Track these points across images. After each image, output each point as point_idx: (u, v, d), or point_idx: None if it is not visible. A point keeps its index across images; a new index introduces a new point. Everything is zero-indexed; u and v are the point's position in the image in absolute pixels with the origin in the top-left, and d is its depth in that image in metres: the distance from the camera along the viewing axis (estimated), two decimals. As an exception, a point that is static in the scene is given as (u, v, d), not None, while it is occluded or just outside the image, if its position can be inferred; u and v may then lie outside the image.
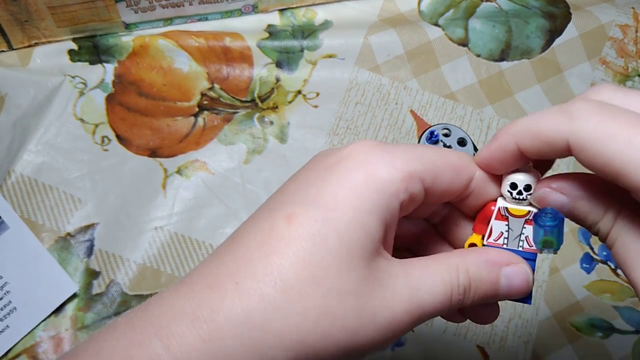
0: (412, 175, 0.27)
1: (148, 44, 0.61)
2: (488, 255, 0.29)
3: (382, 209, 0.26)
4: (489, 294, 0.29)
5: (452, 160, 0.29)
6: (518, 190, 0.29)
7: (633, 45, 0.67)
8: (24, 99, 0.58)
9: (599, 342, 0.54)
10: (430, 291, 0.27)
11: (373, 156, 0.27)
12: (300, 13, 0.65)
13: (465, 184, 0.29)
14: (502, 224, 0.30)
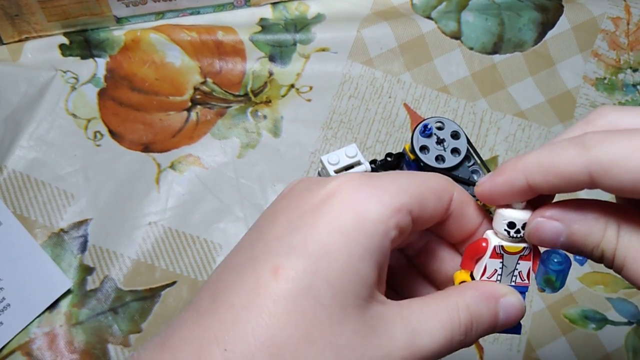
0: (401, 210, 0.26)
1: (140, 38, 0.61)
2: (485, 289, 0.28)
3: (374, 252, 0.25)
4: (489, 328, 0.28)
5: (434, 184, 0.28)
6: (516, 229, 0.28)
7: (625, 37, 0.67)
8: (15, 94, 0.58)
9: (592, 333, 0.55)
10: (429, 334, 0.26)
11: (360, 193, 0.26)
12: (293, 6, 0.65)
13: (447, 206, 0.29)
14: (497, 261, 0.29)
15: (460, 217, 0.29)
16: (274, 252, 0.25)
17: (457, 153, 0.52)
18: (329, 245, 0.24)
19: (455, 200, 0.29)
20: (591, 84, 0.65)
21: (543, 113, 0.63)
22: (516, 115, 0.63)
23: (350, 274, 0.24)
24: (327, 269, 0.24)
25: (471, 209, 0.30)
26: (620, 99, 0.65)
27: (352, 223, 0.25)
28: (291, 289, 0.24)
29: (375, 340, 0.25)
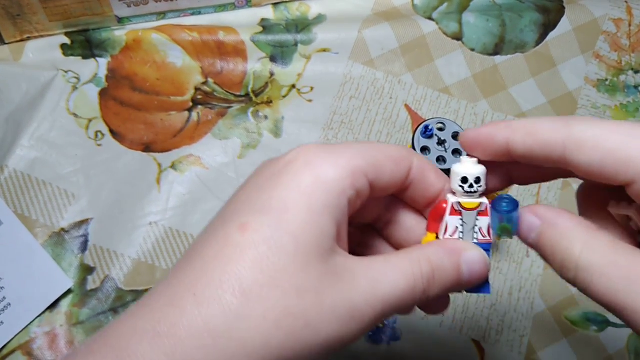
0: (356, 172, 0.28)
1: (141, 38, 0.61)
2: (446, 244, 0.30)
3: (332, 208, 0.27)
4: (452, 281, 0.29)
5: (391, 152, 0.30)
6: (469, 184, 0.30)
7: (626, 39, 0.67)
8: (16, 94, 0.58)
9: (593, 335, 0.55)
10: (392, 284, 0.27)
11: (317, 158, 0.28)
12: (294, 7, 0.65)
13: (405, 173, 0.30)
14: (456, 218, 0.31)
15: (422, 184, 0.31)
16: (241, 212, 0.27)
17: (458, 154, 0.52)
18: (290, 203, 0.27)
19: (415, 168, 0.31)
20: (592, 85, 0.65)
21: (544, 114, 0.63)
22: (517, 117, 0.63)
23: (311, 226, 0.26)
24: (289, 222, 0.26)
25: (432, 175, 0.31)
26: (622, 100, 0.65)
27: (310, 183, 0.27)
28: (256, 240, 0.26)
29: (338, 285, 0.26)
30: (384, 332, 0.53)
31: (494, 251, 0.57)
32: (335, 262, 0.27)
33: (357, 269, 0.27)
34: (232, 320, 0.25)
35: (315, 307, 0.26)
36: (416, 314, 0.53)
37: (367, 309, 0.27)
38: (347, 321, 0.26)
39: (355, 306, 0.26)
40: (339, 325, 0.26)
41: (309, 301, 0.26)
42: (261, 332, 0.25)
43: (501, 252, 0.57)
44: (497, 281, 0.56)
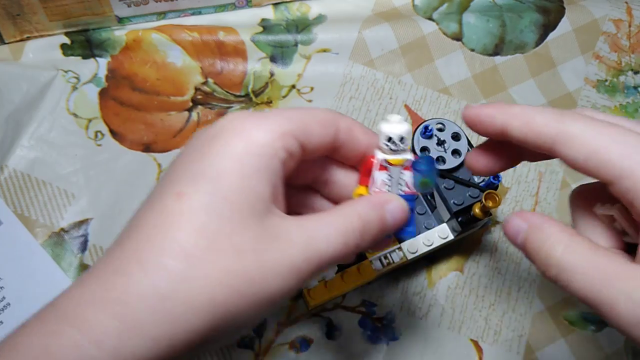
0: (286, 134, 0.30)
1: (141, 38, 0.61)
2: (372, 199, 0.33)
3: (265, 171, 0.29)
4: (380, 230, 0.32)
5: (319, 115, 0.32)
6: (394, 143, 0.33)
7: (626, 39, 0.67)
8: (16, 94, 0.58)
9: (591, 335, 0.55)
10: (326, 239, 0.29)
11: (248, 124, 0.29)
12: (294, 7, 0.65)
13: (333, 134, 0.32)
14: (383, 173, 0.33)
15: (351, 143, 0.33)
16: (177, 181, 0.28)
17: (457, 154, 0.52)
18: (223, 169, 0.28)
19: (343, 129, 0.33)
20: (592, 85, 0.65)
21: (544, 115, 0.63)
22: (517, 117, 0.63)
23: (245, 190, 0.28)
24: (223, 188, 0.28)
25: (359, 134, 0.33)
26: (622, 101, 0.65)
27: (242, 148, 0.29)
28: (194, 206, 0.27)
29: (275, 244, 0.28)
30: (383, 333, 0.53)
31: (493, 252, 0.57)
32: (272, 223, 0.28)
33: (294, 228, 0.29)
34: (177, 282, 0.26)
35: (256, 265, 0.27)
36: (416, 314, 0.53)
37: (305, 265, 0.28)
38: (287, 277, 0.28)
39: (294, 263, 0.28)
40: (281, 282, 0.28)
41: (249, 260, 0.27)
42: (206, 291, 0.26)
43: (500, 252, 0.57)
44: (495, 281, 0.56)
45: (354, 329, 0.53)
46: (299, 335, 0.52)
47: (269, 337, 0.52)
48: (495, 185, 0.50)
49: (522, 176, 0.60)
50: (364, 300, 0.54)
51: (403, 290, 0.55)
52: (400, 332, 0.53)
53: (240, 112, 0.30)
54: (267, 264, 0.27)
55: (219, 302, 0.26)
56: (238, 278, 0.27)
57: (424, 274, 0.55)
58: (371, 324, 0.53)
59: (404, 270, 0.55)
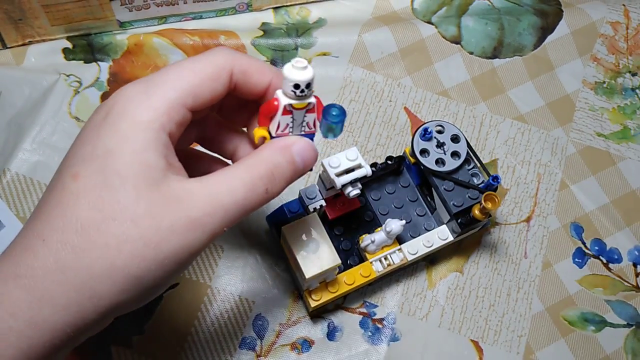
0: (172, 107, 0.31)
1: (143, 42, 0.61)
2: (278, 144, 0.34)
3: (153, 144, 0.30)
4: (291, 172, 0.34)
5: (207, 70, 0.33)
6: (301, 90, 0.33)
7: (624, 42, 0.68)
8: (18, 98, 0.58)
9: (591, 335, 0.55)
10: (230, 192, 0.31)
11: (132, 103, 0.31)
12: (295, 11, 0.65)
13: (225, 84, 0.34)
14: (287, 117, 0.34)
15: (247, 84, 0.35)
16: (72, 163, 0.31)
17: (457, 156, 0.52)
18: (112, 147, 0.30)
19: (237, 73, 0.34)
20: (590, 88, 0.65)
21: (542, 117, 0.63)
22: (516, 119, 0.63)
23: (135, 164, 0.30)
24: (114, 164, 0.30)
25: (255, 75, 0.35)
26: (620, 102, 0.65)
27: (127, 127, 0.30)
28: (88, 184, 0.30)
29: (173, 206, 0.30)
30: (383, 333, 0.53)
31: (493, 253, 0.57)
32: (169, 188, 0.30)
33: (195, 188, 0.31)
34: (77, 254, 0.29)
35: (153, 229, 0.29)
36: (416, 315, 0.53)
37: (207, 219, 0.30)
38: (187, 233, 0.30)
39: (193, 219, 0.30)
40: (179, 239, 0.30)
41: (145, 225, 0.29)
42: (105, 258, 0.29)
43: (499, 253, 0.57)
44: (495, 282, 0.56)
45: (354, 330, 0.53)
46: (300, 336, 0.53)
47: (270, 338, 0.52)
48: (494, 187, 0.50)
49: (521, 177, 0.60)
50: (365, 302, 0.54)
51: (403, 291, 0.55)
52: (401, 333, 0.53)
53: (128, 87, 0.32)
54: (164, 226, 0.29)
55: (119, 267, 0.29)
56: (135, 242, 0.29)
57: (424, 275, 0.56)
58: (372, 324, 0.54)
59: (405, 271, 0.56)
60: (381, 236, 0.50)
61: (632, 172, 0.62)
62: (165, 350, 0.51)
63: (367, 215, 0.55)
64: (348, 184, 0.48)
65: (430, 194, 0.55)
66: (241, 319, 0.52)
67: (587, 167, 0.62)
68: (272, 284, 0.54)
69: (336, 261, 0.46)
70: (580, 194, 0.60)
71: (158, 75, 0.33)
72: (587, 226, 0.59)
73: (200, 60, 0.33)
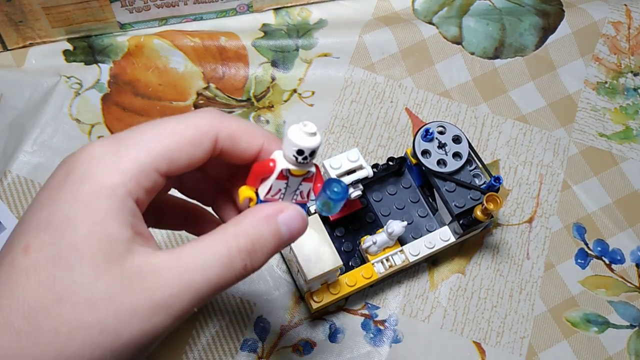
0: (143, 170, 0.28)
1: (143, 44, 0.61)
2: (262, 212, 0.30)
3: (118, 213, 0.27)
4: (275, 245, 0.30)
5: (188, 134, 0.29)
6: (304, 157, 0.29)
7: (626, 42, 0.67)
8: (19, 100, 0.58)
9: (594, 336, 0.55)
10: (203, 270, 0.27)
11: (97, 165, 0.27)
12: (295, 12, 0.65)
13: (208, 150, 0.30)
14: (282, 182, 0.30)
15: (235, 149, 0.31)
16: (25, 232, 0.27)
17: (458, 157, 0.52)
18: (70, 216, 0.26)
19: (223, 138, 0.30)
20: (592, 88, 0.65)
21: (544, 117, 0.63)
22: (517, 120, 0.63)
23: (95, 236, 0.26)
24: (71, 236, 0.26)
25: (244, 139, 0.31)
26: (622, 102, 0.65)
27: (90, 193, 0.27)
28: (40, 259, 0.26)
29: (137, 286, 0.26)
30: (385, 335, 0.53)
31: (495, 254, 0.57)
32: (132, 264, 0.27)
33: (162, 264, 0.27)
34: (23, 341, 0.25)
35: (111, 314, 0.26)
36: (418, 316, 0.53)
37: (173, 300, 0.27)
38: (151, 317, 0.26)
39: (158, 301, 0.26)
40: (141, 323, 0.26)
41: (102, 309, 0.26)
42: (53, 346, 0.25)
43: (502, 254, 0.57)
44: (497, 283, 0.56)
45: (356, 332, 0.53)
46: (302, 338, 0.52)
47: (272, 340, 0.52)
48: (496, 188, 0.50)
49: (523, 178, 0.60)
50: (367, 303, 0.54)
51: (405, 293, 0.55)
52: (403, 335, 0.53)
53: (95, 144, 0.28)
54: (124, 310, 0.26)
55: (68, 357, 0.25)
56: (90, 329, 0.25)
57: (426, 276, 0.56)
58: (374, 326, 0.53)
59: (406, 272, 0.55)
60: (383, 237, 0.50)
61: (635, 173, 0.62)
62: (166, 353, 0.51)
63: (368, 216, 0.55)
64: (349, 185, 0.48)
65: (432, 195, 0.55)
66: (242, 321, 0.52)
67: (589, 167, 0.62)
68: (274, 285, 0.54)
69: (338, 263, 0.46)
70: (582, 194, 0.60)
71: (132, 133, 0.29)
72: (590, 227, 0.59)
73: (181, 121, 0.30)
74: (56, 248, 0.26)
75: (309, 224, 0.47)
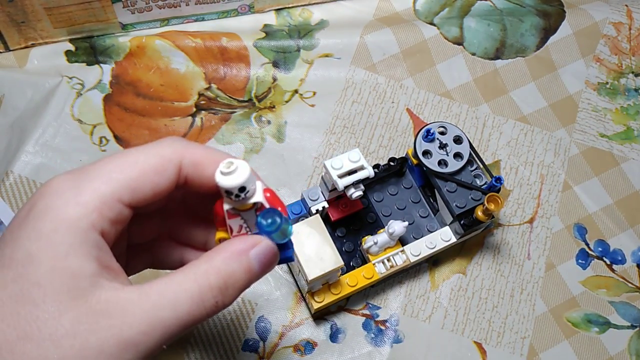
0: (106, 202, 0.27)
1: (145, 45, 0.61)
2: (234, 247, 0.29)
3: (81, 246, 0.26)
4: (247, 280, 0.29)
5: (151, 162, 0.29)
6: (236, 194, 0.28)
7: (627, 42, 0.67)
8: (21, 100, 0.58)
9: (595, 337, 0.55)
10: (173, 307, 0.27)
11: (58, 199, 0.27)
12: (297, 13, 0.65)
13: (173, 178, 0.30)
14: (237, 220, 0.30)
15: (200, 177, 0.30)
16: None
17: (459, 157, 0.52)
18: (32, 252, 0.26)
19: (187, 166, 0.30)
20: (593, 88, 0.65)
21: (545, 118, 0.63)
22: (518, 120, 0.63)
23: (57, 272, 0.26)
24: (34, 273, 0.25)
25: (208, 167, 0.30)
26: (622, 103, 0.65)
27: (52, 228, 0.26)
28: (4, 296, 0.25)
29: (103, 321, 0.25)
30: (386, 335, 0.53)
31: (496, 255, 0.57)
32: (99, 299, 0.26)
33: (130, 300, 0.26)
34: None
35: (75, 351, 0.25)
36: (419, 316, 0.53)
37: (142, 337, 0.26)
38: (117, 356, 0.26)
39: (126, 339, 0.26)
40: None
41: (66, 347, 0.25)
42: None
43: (502, 254, 0.57)
44: (498, 283, 0.56)
45: (357, 332, 0.53)
46: (303, 338, 0.53)
47: (273, 340, 0.52)
48: (497, 188, 0.50)
49: (524, 179, 0.60)
50: (368, 303, 0.54)
51: (406, 293, 0.55)
52: (404, 335, 0.53)
53: (57, 179, 0.28)
54: (89, 345, 0.25)
55: None
56: None
57: (427, 276, 0.56)
58: (375, 326, 0.53)
59: (407, 272, 0.56)
60: (384, 238, 0.50)
61: (636, 173, 0.62)
62: (167, 353, 0.51)
63: (369, 216, 0.55)
64: (350, 186, 0.48)
65: (433, 196, 0.55)
66: (244, 321, 0.52)
67: (590, 168, 0.62)
68: (275, 285, 0.54)
69: (339, 263, 0.46)
70: (583, 195, 0.60)
71: (94, 165, 0.28)
72: (591, 227, 0.59)
73: (145, 150, 0.29)
74: (19, 285, 0.25)
75: (310, 224, 0.47)
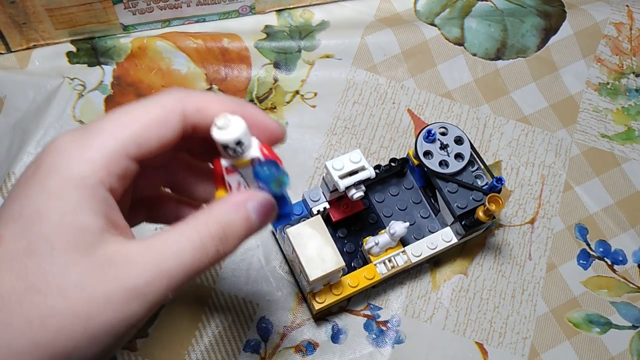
0: (113, 158, 0.28)
1: (146, 46, 0.61)
2: (232, 199, 0.30)
3: (89, 202, 0.27)
4: (246, 231, 0.30)
5: (153, 113, 0.29)
6: (232, 149, 0.29)
7: (628, 42, 0.67)
8: (23, 101, 0.58)
9: (596, 337, 0.55)
10: (176, 255, 0.28)
11: (65, 156, 0.27)
12: (298, 14, 0.66)
13: (178, 126, 0.30)
14: (235, 176, 0.30)
15: (207, 121, 0.30)
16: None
17: (460, 158, 0.52)
18: (40, 207, 0.26)
19: (191, 113, 0.30)
20: (594, 89, 0.65)
21: (546, 118, 0.63)
22: (519, 121, 0.63)
23: (65, 227, 0.26)
24: (41, 227, 0.26)
25: (213, 109, 0.30)
26: (624, 103, 0.65)
27: (58, 185, 0.27)
28: (11, 250, 0.26)
29: (109, 274, 0.26)
30: (387, 336, 0.53)
31: (497, 255, 0.57)
32: (105, 253, 0.27)
33: (135, 252, 0.27)
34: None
35: (83, 301, 0.26)
36: (420, 317, 0.53)
37: (148, 287, 0.27)
38: (124, 305, 0.26)
39: (132, 289, 0.26)
40: (115, 311, 0.26)
41: (74, 298, 0.26)
42: (27, 335, 0.25)
43: (504, 255, 0.57)
44: (499, 284, 0.56)
45: (359, 333, 0.53)
46: (304, 339, 0.53)
47: (275, 341, 0.52)
48: (498, 189, 0.50)
49: (525, 179, 0.60)
50: (369, 304, 0.54)
51: (408, 294, 0.55)
52: (405, 335, 0.53)
53: (62, 137, 0.28)
54: (97, 297, 0.26)
55: (43, 345, 0.25)
56: (62, 316, 0.26)
57: (428, 277, 0.56)
58: (376, 327, 0.53)
59: (409, 273, 0.56)
60: (385, 238, 0.50)
61: (637, 173, 0.62)
62: (169, 353, 0.51)
63: (370, 217, 0.55)
64: (352, 186, 0.48)
65: (434, 196, 0.55)
66: (245, 322, 0.52)
67: (591, 168, 0.62)
68: (276, 286, 0.54)
69: (340, 263, 0.46)
70: (584, 195, 0.60)
71: (97, 122, 0.29)
72: (592, 227, 0.59)
73: (147, 103, 0.30)
74: (27, 239, 0.26)
75: (311, 224, 0.47)
